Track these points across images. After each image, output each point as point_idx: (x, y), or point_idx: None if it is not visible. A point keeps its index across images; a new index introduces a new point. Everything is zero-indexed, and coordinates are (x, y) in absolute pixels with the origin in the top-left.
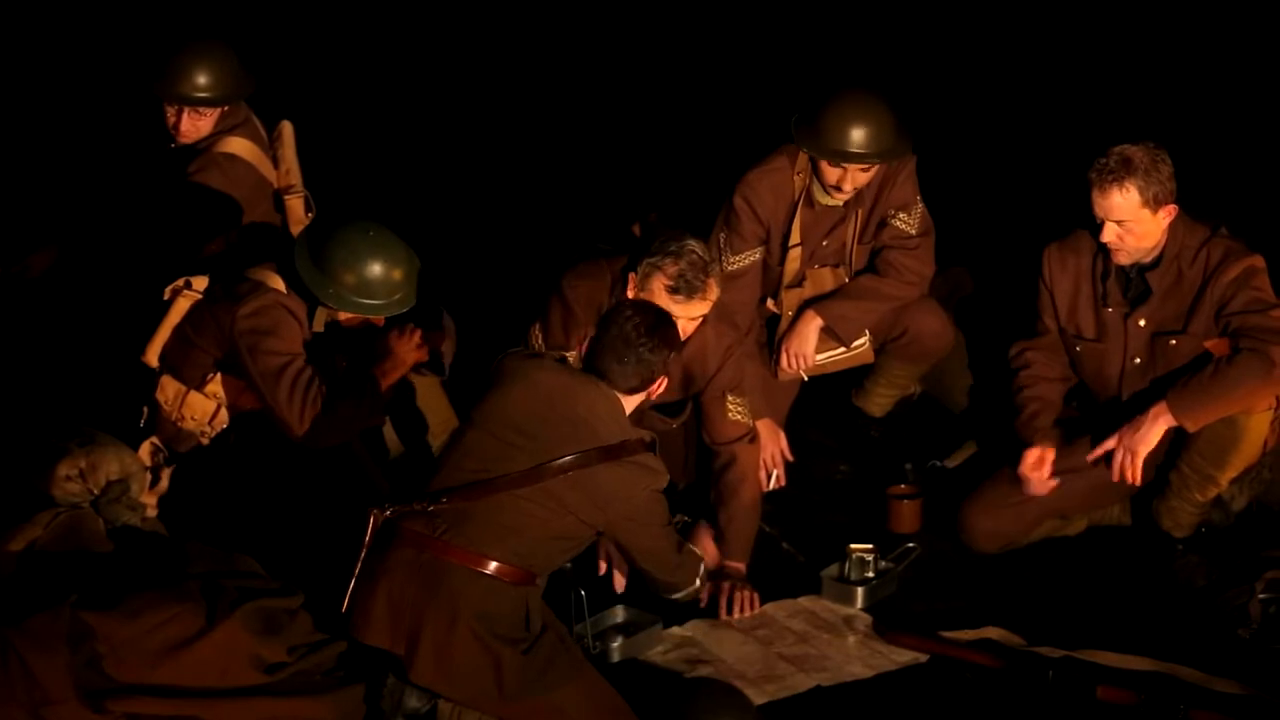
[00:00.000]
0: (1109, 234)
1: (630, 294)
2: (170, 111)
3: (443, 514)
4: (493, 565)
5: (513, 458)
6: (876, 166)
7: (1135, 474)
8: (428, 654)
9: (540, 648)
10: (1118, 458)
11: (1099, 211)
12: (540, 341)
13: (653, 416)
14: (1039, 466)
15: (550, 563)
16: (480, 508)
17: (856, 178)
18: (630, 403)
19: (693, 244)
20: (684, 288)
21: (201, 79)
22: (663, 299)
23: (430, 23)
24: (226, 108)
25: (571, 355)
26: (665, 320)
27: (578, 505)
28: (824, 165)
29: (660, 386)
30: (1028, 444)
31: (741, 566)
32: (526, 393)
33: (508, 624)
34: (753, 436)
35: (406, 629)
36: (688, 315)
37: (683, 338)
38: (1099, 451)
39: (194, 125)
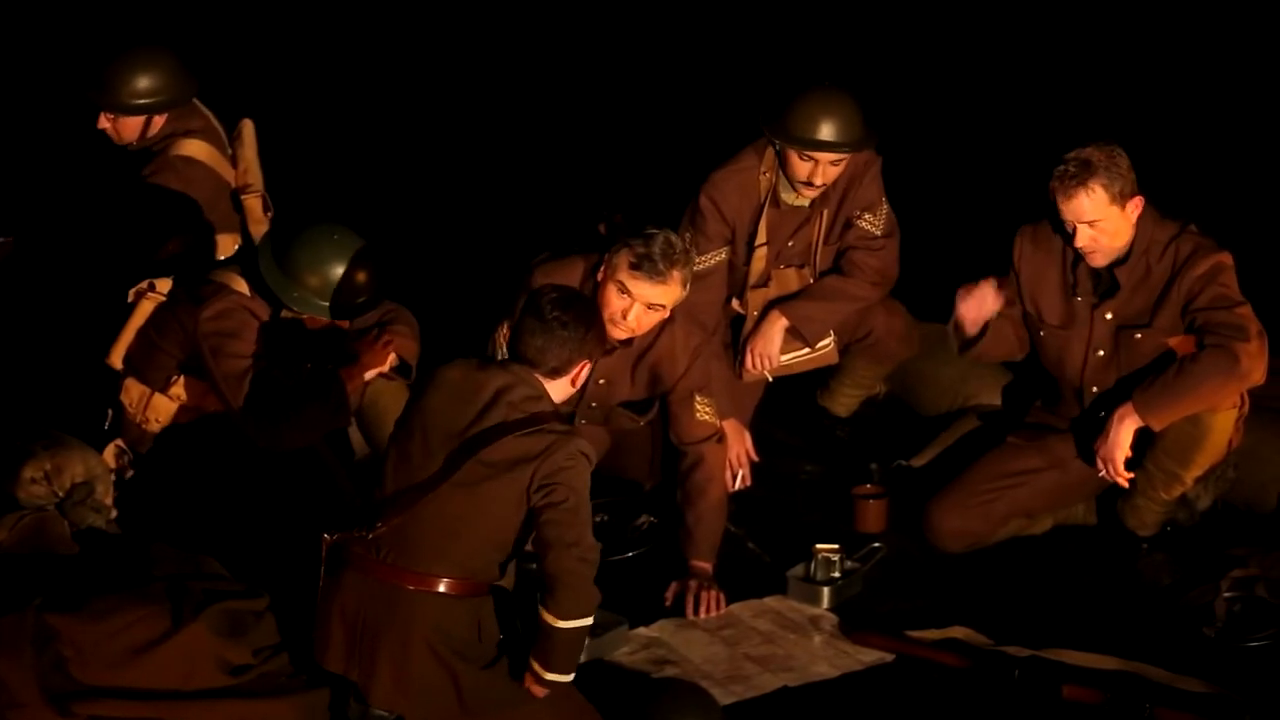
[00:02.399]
0: (1082, 238)
1: (599, 277)
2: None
3: (381, 537)
4: (440, 583)
5: (431, 462)
6: (845, 161)
7: (1122, 480)
8: (385, 676)
9: (502, 662)
10: (1101, 471)
11: (1068, 217)
12: (506, 341)
13: (620, 415)
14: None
15: (495, 568)
16: (414, 522)
17: (826, 172)
18: (556, 388)
19: (674, 236)
20: (646, 265)
21: (126, 87)
22: (622, 273)
23: (394, 22)
24: (164, 113)
25: (502, 333)
26: (583, 301)
27: (496, 491)
28: (793, 160)
29: (584, 371)
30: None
31: (708, 566)
32: (437, 394)
33: (461, 638)
34: (720, 437)
35: (362, 654)
36: (643, 298)
37: (636, 326)
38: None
39: (114, 126)
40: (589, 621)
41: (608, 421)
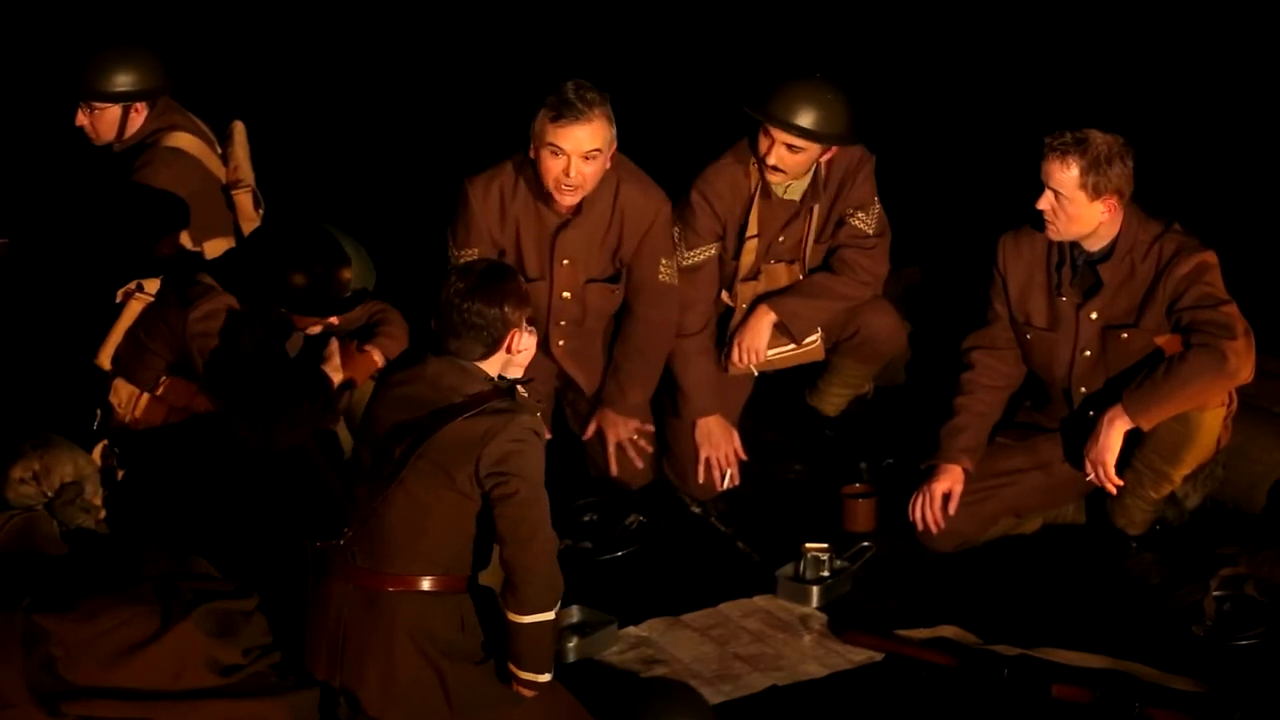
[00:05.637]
0: (1045, 201)
1: (531, 154)
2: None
3: (353, 541)
4: (415, 582)
5: (385, 461)
6: (807, 152)
7: (1111, 484)
8: (372, 682)
9: (489, 663)
10: (1091, 476)
11: (1042, 176)
12: (453, 249)
13: (594, 290)
14: (946, 491)
15: (469, 557)
16: (378, 523)
17: (781, 155)
18: (494, 364)
19: (581, 80)
20: (566, 109)
21: (101, 76)
22: (548, 132)
23: (386, 20)
24: (142, 108)
25: (454, 252)
26: (491, 274)
27: (446, 480)
28: (759, 137)
29: (518, 340)
30: (942, 458)
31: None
32: (385, 392)
33: (445, 638)
34: (673, 300)
35: (346, 661)
36: (576, 148)
37: (580, 181)
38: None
39: (90, 121)
40: (552, 616)
41: (585, 313)
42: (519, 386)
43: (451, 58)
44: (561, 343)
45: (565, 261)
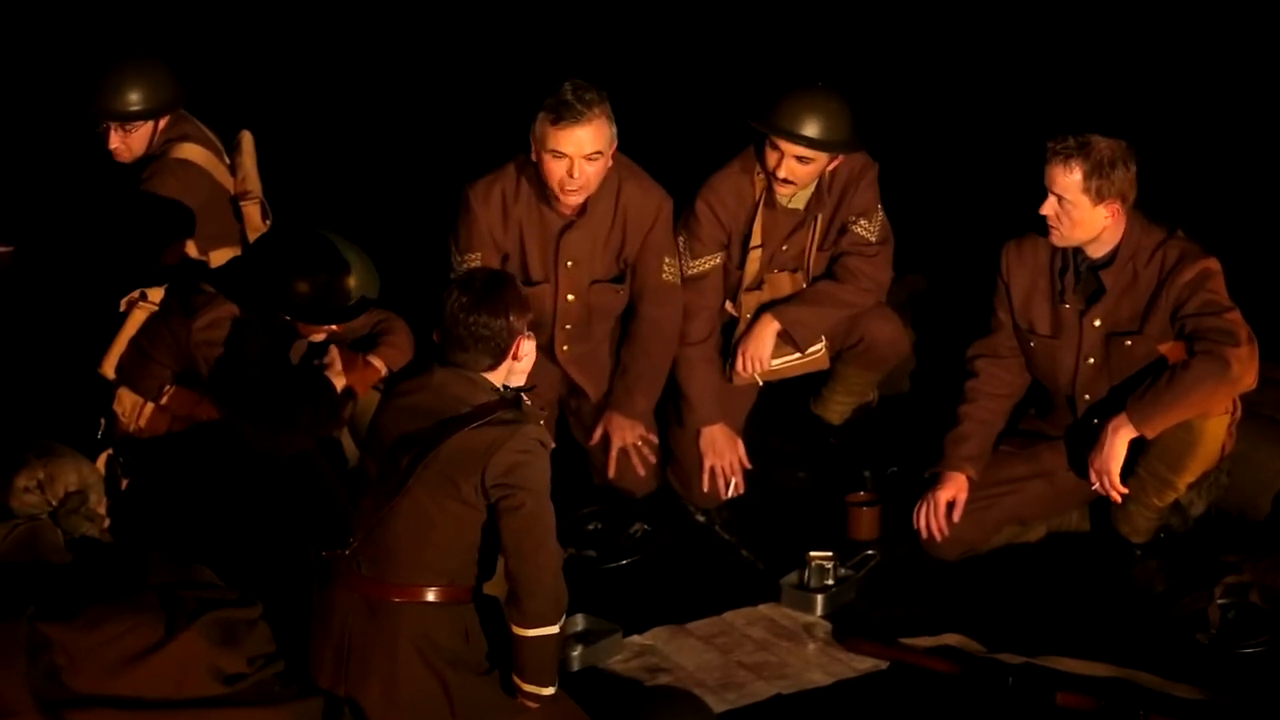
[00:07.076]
0: (1048, 206)
1: (533, 157)
2: (107, 132)
3: (358, 551)
4: (420, 592)
5: (391, 471)
6: (816, 162)
7: (1116, 495)
8: (376, 691)
9: (494, 673)
10: (1096, 484)
11: (1046, 181)
12: (455, 255)
13: (600, 292)
14: (950, 499)
15: (474, 567)
16: (384, 532)
17: (791, 167)
18: (500, 374)
19: (578, 80)
20: (565, 111)
21: (131, 95)
22: (549, 137)
23: (392, 29)
24: (164, 121)
25: (456, 259)
26: (492, 284)
27: (451, 490)
28: (765, 150)
29: (520, 347)
30: (946, 466)
31: (645, 413)
32: (391, 402)
33: (449, 647)
34: (677, 302)
35: (350, 670)
36: (577, 149)
37: (584, 182)
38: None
39: (125, 143)
40: (556, 629)
41: (590, 315)
42: (524, 396)
43: (454, 67)
44: (566, 347)
45: (570, 263)
